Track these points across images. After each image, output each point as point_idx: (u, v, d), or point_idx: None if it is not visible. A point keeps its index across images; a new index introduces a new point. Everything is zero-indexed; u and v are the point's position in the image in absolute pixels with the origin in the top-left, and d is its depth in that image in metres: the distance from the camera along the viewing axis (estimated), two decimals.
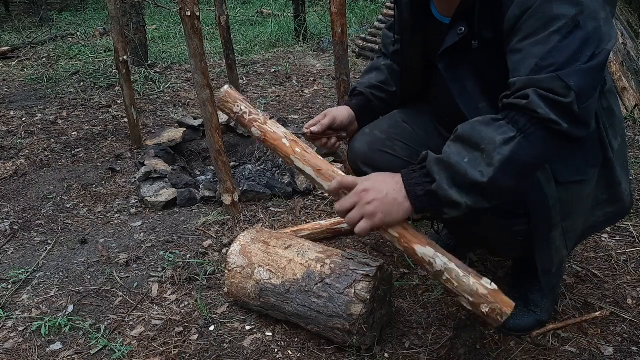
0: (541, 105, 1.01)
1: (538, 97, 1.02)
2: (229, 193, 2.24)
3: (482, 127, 1.07)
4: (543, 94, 1.02)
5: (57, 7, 9.37)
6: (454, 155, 1.07)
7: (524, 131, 1.03)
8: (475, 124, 1.09)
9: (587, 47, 1.03)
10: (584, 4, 1.03)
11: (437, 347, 1.48)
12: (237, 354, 1.50)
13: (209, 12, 7.78)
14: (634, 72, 3.15)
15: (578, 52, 1.02)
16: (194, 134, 3.10)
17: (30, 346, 1.58)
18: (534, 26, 1.06)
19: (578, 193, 1.24)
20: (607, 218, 1.37)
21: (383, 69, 1.65)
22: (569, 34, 1.03)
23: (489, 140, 1.04)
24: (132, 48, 4.71)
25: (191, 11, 1.96)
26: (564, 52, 1.03)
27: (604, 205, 1.33)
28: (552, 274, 1.31)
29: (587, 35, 1.03)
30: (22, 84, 4.74)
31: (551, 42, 1.04)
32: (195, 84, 2.11)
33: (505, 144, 1.03)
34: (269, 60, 5.32)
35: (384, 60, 1.67)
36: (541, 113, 1.01)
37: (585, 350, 1.43)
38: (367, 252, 1.96)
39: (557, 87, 1.01)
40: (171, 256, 2.00)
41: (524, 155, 1.04)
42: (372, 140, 1.60)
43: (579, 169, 1.23)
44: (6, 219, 2.40)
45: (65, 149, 3.23)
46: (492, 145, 1.04)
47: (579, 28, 1.03)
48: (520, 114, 1.04)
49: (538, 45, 1.05)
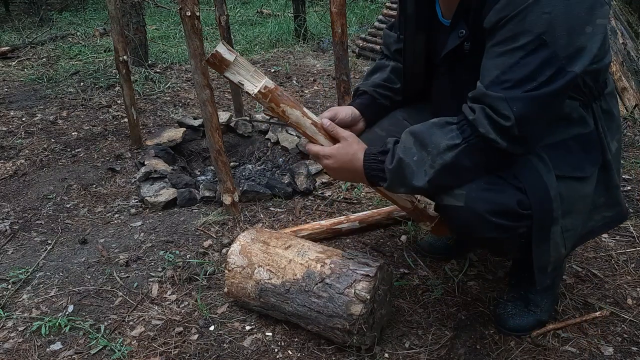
0: (484, 123, 1.10)
1: (483, 115, 1.10)
2: (229, 193, 2.25)
3: (435, 130, 1.18)
4: (488, 113, 1.09)
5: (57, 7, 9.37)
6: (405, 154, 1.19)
7: (468, 141, 1.13)
8: (431, 125, 1.20)
9: (547, 67, 1.05)
10: (559, 20, 1.03)
11: (437, 347, 1.48)
12: (237, 354, 1.50)
13: (209, 12, 7.78)
14: (634, 72, 3.15)
15: (536, 71, 1.06)
16: (194, 134, 3.10)
17: (30, 346, 1.58)
18: (505, 35, 1.09)
19: (577, 190, 1.24)
20: (606, 222, 1.36)
21: (386, 69, 1.64)
22: (532, 51, 1.06)
23: (435, 145, 1.16)
24: (132, 48, 4.71)
25: (191, 11, 1.97)
26: (523, 69, 1.06)
27: (602, 208, 1.32)
28: (548, 273, 1.30)
29: (551, 55, 1.04)
30: (22, 84, 4.74)
31: (514, 57, 1.08)
32: (195, 84, 2.11)
33: (449, 150, 1.14)
34: (269, 60, 5.32)
35: (386, 61, 1.67)
36: (482, 131, 1.10)
37: (585, 350, 1.43)
38: (367, 252, 1.96)
39: (502, 109, 1.07)
40: (171, 256, 2.01)
41: (464, 161, 1.15)
42: (373, 137, 1.60)
43: (577, 165, 1.23)
44: (6, 219, 2.40)
45: (65, 149, 3.23)
46: (437, 150, 1.16)
47: (544, 46, 1.04)
48: (468, 125, 1.14)
49: (503, 57, 1.09)
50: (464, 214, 1.20)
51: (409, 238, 2.05)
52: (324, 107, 3.81)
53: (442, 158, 1.15)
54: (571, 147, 1.23)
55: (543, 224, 1.21)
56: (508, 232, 1.21)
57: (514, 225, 1.20)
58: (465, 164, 1.16)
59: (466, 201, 1.19)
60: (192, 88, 4.43)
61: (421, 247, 1.94)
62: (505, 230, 1.20)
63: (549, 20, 1.03)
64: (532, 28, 1.04)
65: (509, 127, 1.08)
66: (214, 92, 2.14)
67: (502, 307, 1.54)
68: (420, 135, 1.19)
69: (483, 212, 1.18)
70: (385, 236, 2.09)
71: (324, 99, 4.06)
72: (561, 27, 1.03)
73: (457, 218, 1.24)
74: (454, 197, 1.21)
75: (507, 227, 1.19)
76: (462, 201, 1.20)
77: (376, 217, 2.11)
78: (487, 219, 1.18)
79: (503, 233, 1.21)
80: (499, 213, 1.17)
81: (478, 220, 1.19)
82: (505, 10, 1.06)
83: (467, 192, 1.19)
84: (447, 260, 1.88)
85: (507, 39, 1.08)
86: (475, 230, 1.22)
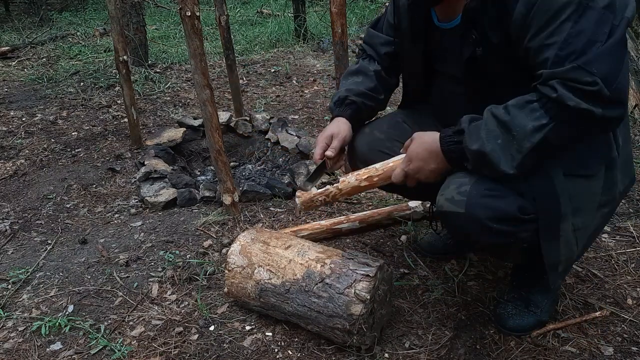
0: (570, 96, 1.03)
1: (566, 89, 1.03)
2: (229, 193, 2.24)
3: (516, 111, 1.10)
4: (570, 84, 1.03)
5: (57, 7, 9.37)
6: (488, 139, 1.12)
7: (557, 119, 1.06)
8: (510, 107, 1.12)
9: (602, 25, 1.02)
10: None
11: (437, 347, 1.48)
12: (237, 354, 1.50)
13: (209, 12, 7.78)
14: (634, 72, 3.15)
15: (595, 33, 1.02)
16: (194, 134, 3.10)
17: (30, 346, 1.58)
18: (543, 19, 1.06)
19: (586, 188, 1.22)
20: (604, 220, 1.35)
21: (371, 76, 1.61)
22: (580, 17, 1.03)
23: (521, 128, 1.08)
24: (132, 48, 4.71)
25: (191, 11, 1.96)
26: (580, 37, 1.03)
27: (603, 207, 1.31)
28: (559, 273, 1.29)
29: (599, 13, 1.02)
30: (22, 84, 4.74)
31: (565, 30, 1.04)
32: (195, 84, 2.11)
33: (537, 131, 1.07)
34: (269, 60, 5.32)
35: (371, 65, 1.63)
36: (572, 104, 1.03)
37: (585, 350, 1.43)
38: (367, 252, 1.96)
39: (583, 77, 1.02)
40: (171, 256, 2.00)
41: (555, 140, 1.08)
42: (372, 140, 1.60)
43: (584, 164, 1.22)
44: (6, 219, 2.40)
45: (65, 149, 3.23)
46: (523, 132, 1.08)
47: (589, 8, 1.03)
48: (552, 103, 1.06)
49: (553, 37, 1.06)
50: (464, 220, 1.20)
51: (409, 238, 2.05)
52: (324, 107, 3.82)
53: (530, 141, 1.08)
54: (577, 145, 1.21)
55: (550, 221, 1.19)
56: (509, 238, 1.20)
57: (514, 231, 1.19)
58: (554, 143, 1.10)
59: (466, 207, 1.18)
60: (192, 88, 4.43)
61: (421, 247, 1.94)
62: (506, 236, 1.19)
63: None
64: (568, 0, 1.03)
65: (598, 90, 1.01)
66: (214, 92, 2.14)
67: (503, 307, 1.54)
68: (503, 117, 1.12)
69: (483, 219, 1.17)
70: (385, 236, 2.09)
71: (324, 99, 4.06)
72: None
73: (457, 224, 1.23)
74: (454, 203, 1.20)
75: (507, 232, 1.18)
76: (463, 207, 1.19)
77: (376, 217, 2.11)
78: (488, 225, 1.17)
79: (504, 239, 1.20)
80: (500, 219, 1.17)
81: (478, 227, 1.18)
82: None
83: (467, 198, 1.18)
84: (447, 260, 1.88)
85: (549, 20, 1.06)
86: (476, 237, 1.21)
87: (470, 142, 1.16)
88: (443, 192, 1.25)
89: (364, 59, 1.68)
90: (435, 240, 1.92)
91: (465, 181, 1.21)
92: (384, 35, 1.61)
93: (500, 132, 1.12)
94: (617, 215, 2.08)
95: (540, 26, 1.07)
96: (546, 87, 1.07)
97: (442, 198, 1.24)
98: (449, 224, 1.29)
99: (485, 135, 1.13)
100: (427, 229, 2.10)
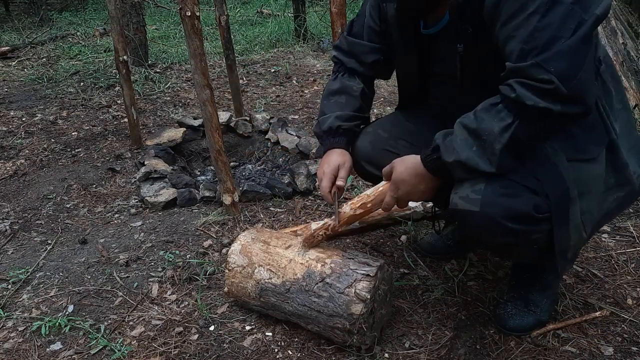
0: (528, 95, 1.06)
1: (524, 87, 1.06)
2: (229, 193, 2.24)
3: (483, 115, 1.15)
4: (527, 82, 1.05)
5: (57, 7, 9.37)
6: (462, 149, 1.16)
7: (520, 117, 1.09)
8: (478, 112, 1.17)
9: (569, 20, 1.03)
10: None
11: (437, 347, 1.48)
12: (237, 354, 1.50)
13: (209, 12, 7.78)
14: (634, 72, 3.15)
15: (559, 28, 1.03)
16: (194, 134, 3.10)
17: (30, 346, 1.58)
18: (512, 8, 1.07)
19: (587, 171, 1.23)
20: (619, 203, 1.34)
21: (356, 96, 1.57)
22: (547, 11, 1.03)
23: (489, 132, 1.12)
24: (132, 48, 4.71)
25: (191, 11, 1.96)
26: (545, 31, 1.03)
27: (614, 189, 1.30)
28: (568, 259, 1.28)
29: (568, 8, 1.02)
30: (22, 84, 4.74)
31: (531, 23, 1.05)
32: (195, 84, 2.11)
33: (504, 131, 1.11)
34: (269, 60, 5.32)
35: (353, 82, 1.58)
36: (530, 103, 1.06)
37: (585, 350, 1.43)
38: (367, 252, 1.96)
39: (539, 75, 1.03)
40: (171, 256, 2.00)
41: (523, 136, 1.11)
42: (376, 139, 1.59)
43: (581, 148, 1.23)
44: (6, 219, 2.40)
45: (65, 149, 3.23)
46: (492, 135, 1.12)
47: (558, 3, 1.03)
48: (513, 103, 1.09)
49: (520, 29, 1.07)
50: (479, 219, 1.19)
51: (409, 238, 2.05)
52: None
53: (500, 142, 1.12)
54: (572, 131, 1.22)
55: (561, 205, 1.19)
56: (523, 237, 1.20)
57: (529, 230, 1.18)
58: (524, 140, 1.13)
59: (482, 206, 1.18)
60: (192, 88, 4.43)
61: (421, 247, 1.94)
62: (520, 235, 1.19)
63: None
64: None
65: (555, 88, 1.03)
66: (214, 92, 2.14)
67: (502, 307, 1.54)
68: (471, 125, 1.16)
69: (498, 217, 1.17)
70: (385, 236, 2.09)
71: None
72: None
73: (472, 223, 1.22)
74: (469, 201, 1.20)
75: (522, 231, 1.18)
76: (478, 206, 1.18)
77: (376, 217, 2.11)
78: (503, 224, 1.17)
79: (518, 238, 1.20)
80: (515, 218, 1.16)
81: (494, 226, 1.18)
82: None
83: (482, 197, 1.18)
84: (447, 260, 1.88)
85: (517, 10, 1.06)
86: (491, 235, 1.21)
87: (446, 155, 1.20)
88: (457, 190, 1.24)
89: (343, 74, 1.60)
90: (435, 240, 1.92)
91: (480, 179, 1.21)
92: (367, 43, 1.54)
93: (473, 140, 1.16)
94: (617, 215, 2.08)
95: (508, 16, 1.08)
96: (506, 87, 1.10)
97: (456, 196, 1.23)
98: (463, 222, 1.27)
99: (459, 146, 1.17)
100: (427, 229, 2.10)
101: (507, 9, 1.07)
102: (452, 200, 1.24)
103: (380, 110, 3.70)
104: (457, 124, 1.20)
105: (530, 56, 1.05)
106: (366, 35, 1.55)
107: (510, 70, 1.09)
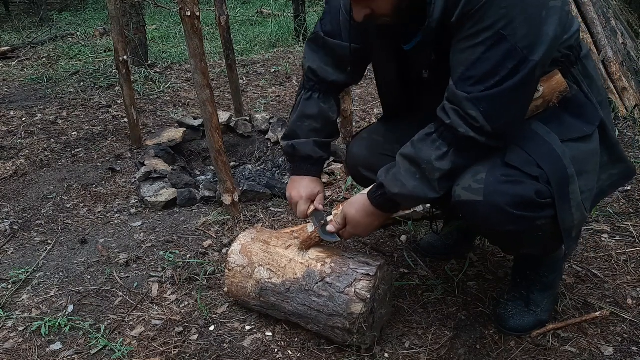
0: (461, 124, 1.15)
1: (457, 116, 1.16)
2: (229, 193, 2.24)
3: (420, 145, 1.23)
4: (461, 113, 1.15)
5: (57, 7, 9.37)
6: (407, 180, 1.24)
7: (454, 145, 1.19)
8: (415, 142, 1.25)
9: (509, 60, 1.09)
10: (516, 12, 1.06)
11: (437, 347, 1.48)
12: (237, 354, 1.50)
13: (209, 12, 7.78)
14: (634, 72, 3.15)
15: (498, 66, 1.10)
16: (194, 134, 3.10)
17: (30, 346, 1.58)
18: (468, 31, 1.12)
19: (583, 149, 1.25)
20: (613, 181, 1.37)
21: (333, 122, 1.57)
22: (492, 46, 1.09)
23: (427, 161, 1.21)
24: (132, 48, 4.71)
25: (191, 11, 1.96)
26: (485, 65, 1.11)
27: (607, 167, 1.33)
28: (572, 237, 1.29)
29: (511, 47, 1.08)
30: (22, 84, 4.74)
31: (476, 53, 1.12)
32: (195, 84, 2.11)
33: (440, 159, 1.20)
34: (269, 60, 5.32)
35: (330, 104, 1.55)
36: (461, 131, 1.16)
37: (585, 350, 1.43)
38: (367, 252, 1.96)
39: (469, 110, 1.13)
40: (171, 256, 2.00)
41: (459, 162, 1.21)
42: (371, 144, 1.59)
43: (573, 127, 1.26)
44: (6, 219, 2.40)
45: (65, 149, 3.23)
46: (430, 165, 1.21)
47: (503, 40, 1.08)
48: (447, 130, 1.18)
49: (466, 53, 1.13)
50: (483, 207, 1.20)
51: (409, 238, 2.05)
52: None
53: (438, 169, 1.20)
54: (561, 114, 1.27)
55: (560, 183, 1.20)
56: (527, 224, 1.21)
57: (533, 216, 1.20)
58: (461, 164, 1.22)
59: (485, 195, 1.19)
60: (192, 88, 4.43)
61: (421, 247, 1.94)
62: (524, 222, 1.20)
63: (506, 14, 1.06)
64: (491, 24, 1.08)
65: (480, 127, 1.13)
66: (214, 92, 2.14)
67: (503, 307, 1.54)
68: (411, 155, 1.24)
69: (502, 205, 1.17)
70: (385, 236, 2.09)
71: None
72: (519, 19, 1.07)
73: (476, 212, 1.23)
74: (472, 191, 1.21)
75: (527, 218, 1.19)
76: (481, 195, 1.19)
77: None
78: (507, 211, 1.18)
79: (523, 225, 1.21)
80: (519, 204, 1.17)
81: (498, 213, 1.18)
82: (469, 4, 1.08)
83: (485, 185, 1.19)
84: (447, 260, 1.88)
85: (470, 35, 1.11)
86: (496, 224, 1.21)
87: (392, 188, 1.26)
88: (459, 182, 1.24)
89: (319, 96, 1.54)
90: (435, 240, 1.92)
91: (480, 169, 1.21)
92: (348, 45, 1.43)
93: (415, 169, 1.24)
94: (617, 215, 2.08)
95: (464, 37, 1.13)
96: (442, 113, 1.19)
97: (458, 188, 1.24)
98: (467, 213, 1.27)
99: (403, 177, 1.25)
100: (427, 229, 2.10)
101: (466, 28, 1.12)
102: (455, 193, 1.25)
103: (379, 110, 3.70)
104: (398, 155, 1.28)
105: (468, 83, 1.13)
106: (345, 34, 1.44)
107: (452, 93, 1.16)
